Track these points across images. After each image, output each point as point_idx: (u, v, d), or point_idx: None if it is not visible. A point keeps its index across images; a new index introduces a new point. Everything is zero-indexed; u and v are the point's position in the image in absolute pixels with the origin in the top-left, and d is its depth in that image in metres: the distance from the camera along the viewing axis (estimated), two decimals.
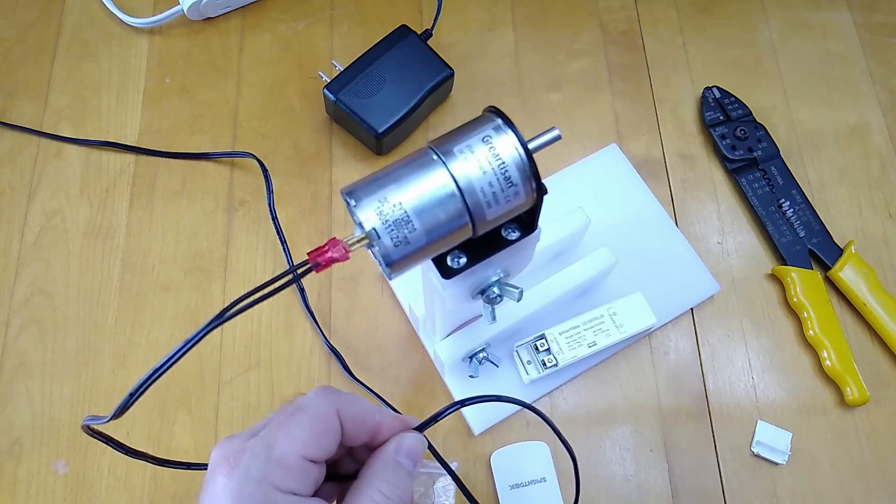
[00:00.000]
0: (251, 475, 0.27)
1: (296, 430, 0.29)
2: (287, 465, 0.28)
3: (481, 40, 0.64)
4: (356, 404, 0.31)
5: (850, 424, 0.52)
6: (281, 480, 0.28)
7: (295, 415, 0.29)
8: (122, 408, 0.28)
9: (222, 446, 0.29)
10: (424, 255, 0.31)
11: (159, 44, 0.63)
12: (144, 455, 0.34)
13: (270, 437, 0.28)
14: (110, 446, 0.32)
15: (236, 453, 0.28)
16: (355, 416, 0.31)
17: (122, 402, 0.28)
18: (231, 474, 0.27)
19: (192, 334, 0.27)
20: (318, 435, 0.29)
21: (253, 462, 0.27)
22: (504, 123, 0.31)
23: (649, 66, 0.63)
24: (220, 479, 0.27)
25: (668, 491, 0.50)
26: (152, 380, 0.27)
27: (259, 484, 0.27)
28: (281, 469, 0.28)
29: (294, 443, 0.28)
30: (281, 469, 0.28)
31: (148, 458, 0.34)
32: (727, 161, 0.59)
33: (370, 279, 0.55)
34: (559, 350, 0.50)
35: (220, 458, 0.28)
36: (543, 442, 0.50)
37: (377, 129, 0.55)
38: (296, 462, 0.28)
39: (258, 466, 0.27)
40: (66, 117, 0.60)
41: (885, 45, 0.65)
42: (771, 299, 0.56)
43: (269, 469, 0.27)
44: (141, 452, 0.34)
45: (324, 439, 0.29)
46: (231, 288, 0.55)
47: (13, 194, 0.57)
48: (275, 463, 0.28)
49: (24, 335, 0.53)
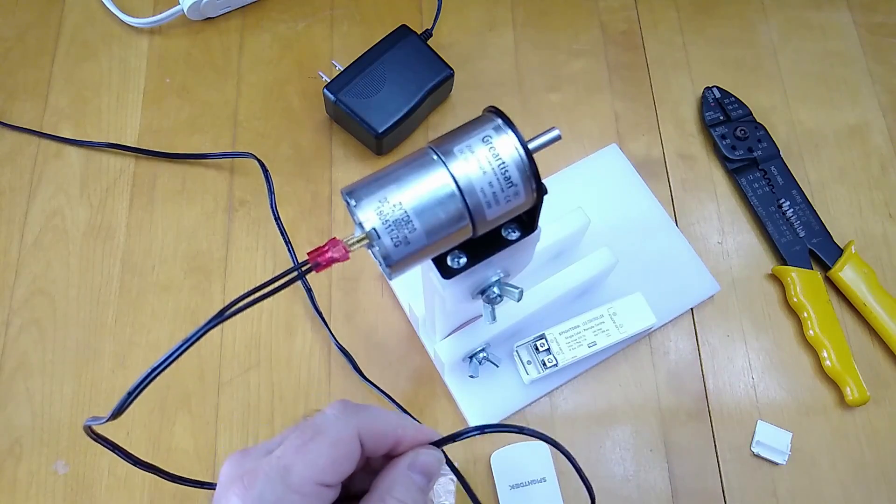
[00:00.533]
0: (266, 500, 0.26)
1: (314, 456, 0.27)
2: (304, 492, 0.27)
3: (481, 40, 0.64)
4: (378, 420, 0.30)
5: (850, 424, 0.52)
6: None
7: (315, 439, 0.28)
8: (121, 406, 0.28)
9: (235, 462, 0.28)
10: (424, 255, 0.31)
11: (159, 44, 0.63)
12: (153, 468, 0.33)
13: (287, 460, 0.27)
14: (117, 454, 0.32)
15: (250, 473, 0.27)
16: (377, 431, 0.30)
17: (122, 401, 0.28)
18: (245, 496, 0.26)
19: (191, 333, 0.27)
20: (336, 460, 0.28)
21: (268, 486, 0.27)
22: (504, 123, 0.31)
23: (649, 66, 0.63)
24: (234, 500, 0.27)
25: (668, 491, 0.50)
26: (151, 378, 0.27)
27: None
28: (297, 496, 0.27)
29: (312, 470, 0.27)
30: (297, 496, 0.27)
31: (157, 471, 0.34)
32: (727, 161, 0.59)
33: (370, 279, 0.55)
34: (559, 350, 0.50)
35: (233, 478, 0.27)
36: (543, 442, 0.50)
37: (377, 129, 0.55)
38: (312, 489, 0.27)
39: (274, 492, 0.26)
40: (66, 117, 0.60)
41: (885, 45, 0.65)
42: (771, 299, 0.56)
43: (285, 496, 0.27)
44: (151, 465, 0.33)
45: (342, 464, 0.28)
46: (231, 288, 0.55)
47: (13, 194, 0.57)
48: (291, 489, 0.27)
49: (24, 335, 0.53)
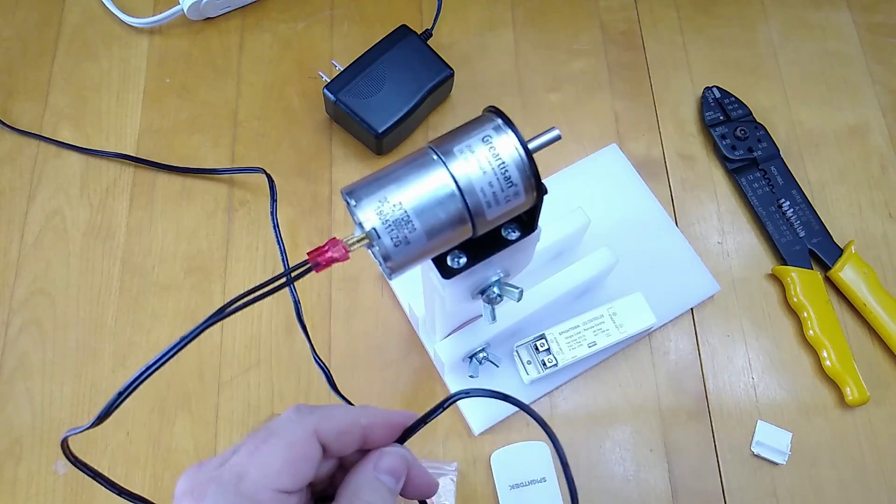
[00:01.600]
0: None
1: (267, 458, 0.25)
2: (258, 499, 0.25)
3: (481, 40, 0.64)
4: (337, 417, 0.28)
5: (850, 424, 0.52)
6: None
7: (267, 441, 0.26)
8: (108, 409, 0.27)
9: (189, 476, 0.26)
10: (424, 255, 0.31)
11: (159, 44, 0.63)
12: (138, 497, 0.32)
13: (240, 467, 0.25)
14: (98, 482, 0.30)
15: (201, 485, 0.25)
16: (338, 429, 0.28)
17: (110, 402, 0.27)
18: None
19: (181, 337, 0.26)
20: (292, 463, 0.26)
21: (220, 496, 0.24)
22: (504, 123, 0.31)
23: (649, 66, 0.63)
24: None
25: (668, 491, 0.50)
26: (141, 381, 0.27)
27: None
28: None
29: (265, 474, 0.25)
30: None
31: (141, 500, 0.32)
32: (727, 161, 0.59)
33: (370, 279, 0.55)
34: (559, 350, 0.50)
35: (184, 492, 0.25)
36: (543, 442, 0.50)
37: (377, 129, 0.55)
38: (267, 496, 0.25)
39: (224, 501, 0.24)
40: (66, 117, 0.60)
41: (885, 45, 0.65)
42: (771, 299, 0.56)
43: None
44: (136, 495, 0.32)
45: (299, 467, 0.26)
46: (231, 288, 0.55)
47: (13, 194, 0.57)
48: (244, 497, 0.25)
49: (24, 335, 0.53)
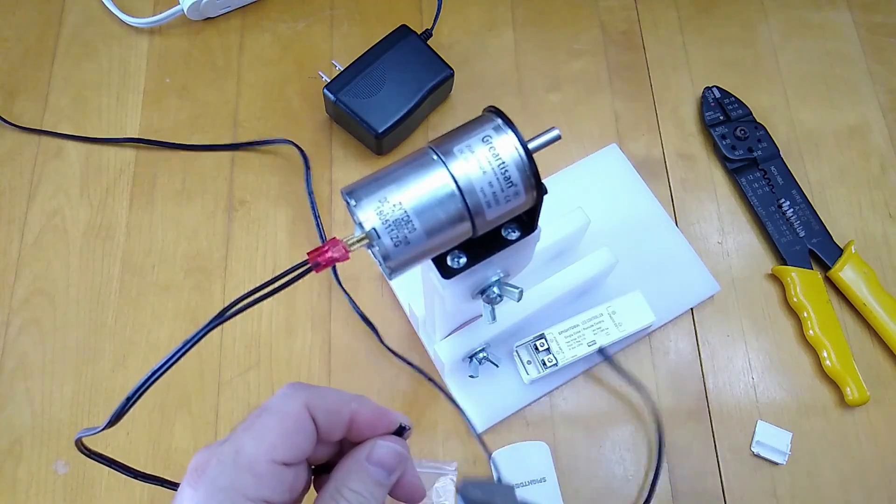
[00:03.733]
0: (218, 484, 0.25)
1: (262, 432, 0.27)
2: (257, 472, 0.26)
3: (481, 40, 0.64)
4: (329, 396, 0.29)
5: (850, 424, 0.52)
6: (251, 488, 0.26)
7: (261, 416, 0.27)
8: (119, 413, 0.27)
9: (196, 456, 0.27)
10: (424, 255, 0.31)
11: (159, 44, 0.63)
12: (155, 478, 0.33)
13: (237, 442, 0.26)
14: (115, 469, 0.32)
15: (203, 462, 0.26)
16: (328, 408, 0.29)
17: (119, 407, 0.27)
18: (197, 485, 0.25)
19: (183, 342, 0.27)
20: (287, 435, 0.27)
21: (219, 470, 0.26)
22: (504, 123, 0.31)
23: (649, 66, 0.63)
24: (187, 490, 0.26)
25: (669, 491, 0.50)
26: (148, 385, 0.27)
27: (227, 493, 0.25)
28: (251, 476, 0.26)
29: (261, 446, 0.26)
30: (251, 476, 0.26)
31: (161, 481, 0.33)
32: (727, 161, 0.59)
33: (370, 279, 0.55)
34: (559, 349, 0.50)
35: (190, 470, 0.26)
36: (543, 442, 0.50)
37: (377, 129, 0.55)
38: (266, 467, 0.26)
39: (225, 474, 0.26)
40: (67, 117, 0.60)
41: (885, 45, 0.65)
42: (771, 299, 0.56)
43: (237, 476, 0.26)
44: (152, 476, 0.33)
45: (294, 439, 0.27)
46: (231, 288, 0.55)
47: (13, 194, 0.57)
48: (243, 469, 0.26)
49: (24, 335, 0.53)
